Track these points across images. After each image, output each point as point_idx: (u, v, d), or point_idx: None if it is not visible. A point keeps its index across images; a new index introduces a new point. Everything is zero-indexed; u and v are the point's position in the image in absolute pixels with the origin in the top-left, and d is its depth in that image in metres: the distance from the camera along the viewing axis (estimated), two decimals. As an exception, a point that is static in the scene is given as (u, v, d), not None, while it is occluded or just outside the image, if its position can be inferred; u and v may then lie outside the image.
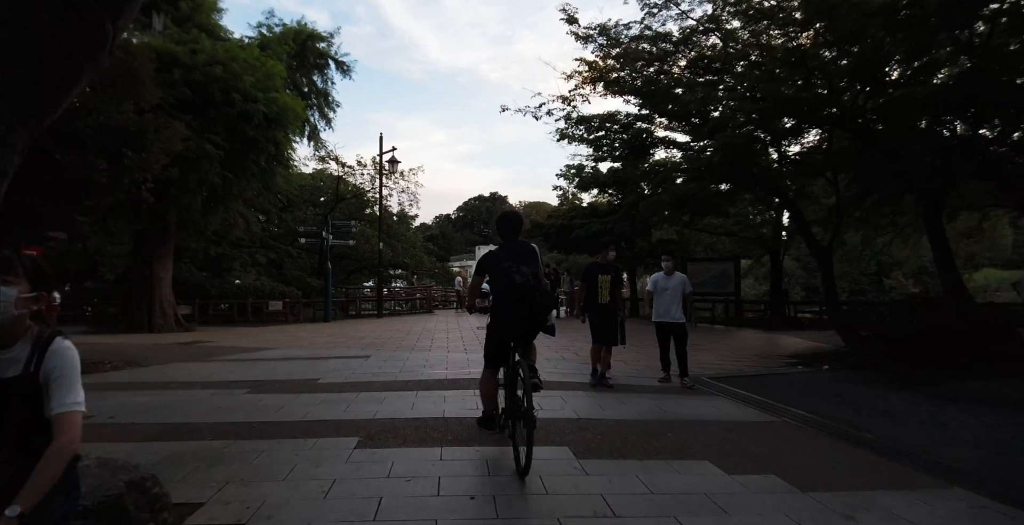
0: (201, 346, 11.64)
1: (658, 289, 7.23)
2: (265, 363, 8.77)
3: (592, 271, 6.91)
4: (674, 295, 7.10)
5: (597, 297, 6.75)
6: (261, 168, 15.53)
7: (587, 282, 6.89)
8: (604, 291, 6.75)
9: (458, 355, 9.42)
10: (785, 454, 4.34)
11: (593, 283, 6.80)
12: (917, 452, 4.43)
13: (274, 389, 6.53)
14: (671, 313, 7.15)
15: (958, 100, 8.03)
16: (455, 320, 17.91)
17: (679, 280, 7.21)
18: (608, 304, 6.75)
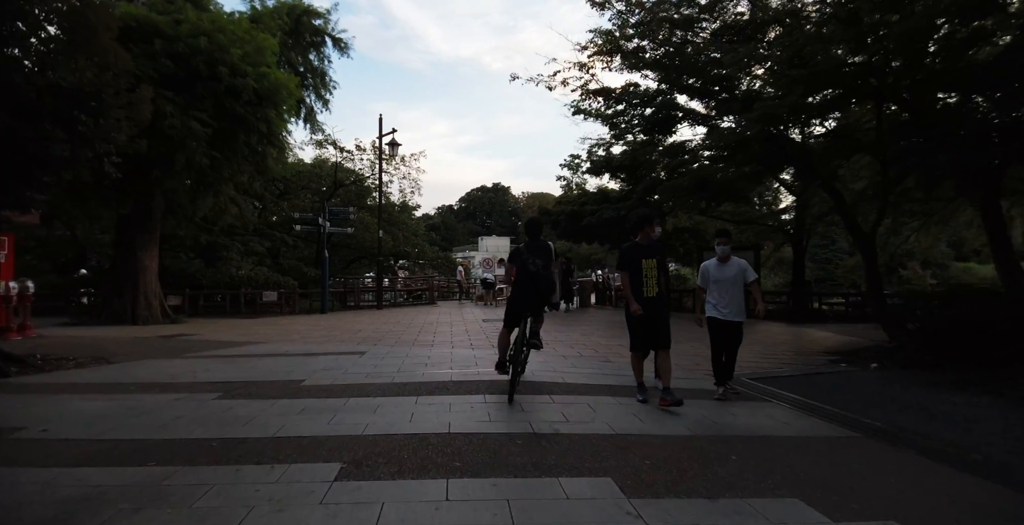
0: (183, 340, 10.69)
1: (711, 281, 5.78)
2: (247, 360, 7.81)
3: (632, 254, 5.27)
4: (733, 287, 5.66)
5: (642, 288, 5.16)
6: (252, 149, 14.48)
7: (628, 268, 5.27)
8: (650, 280, 5.17)
9: (463, 351, 8.45)
10: (889, 487, 3.37)
11: (636, 270, 5.19)
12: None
13: (249, 393, 5.57)
14: (730, 309, 5.68)
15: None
16: (458, 312, 16.95)
17: (738, 268, 5.71)
18: (656, 297, 5.19)
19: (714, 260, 5.91)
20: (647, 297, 5.17)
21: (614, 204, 16.88)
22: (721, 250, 5.83)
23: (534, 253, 5.89)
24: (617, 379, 6.48)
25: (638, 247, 5.35)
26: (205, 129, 12.62)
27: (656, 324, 5.18)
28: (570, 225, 17.94)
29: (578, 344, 9.43)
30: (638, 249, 5.33)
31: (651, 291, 5.18)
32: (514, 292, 6.05)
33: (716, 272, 5.79)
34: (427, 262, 26.95)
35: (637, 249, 5.34)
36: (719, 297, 5.73)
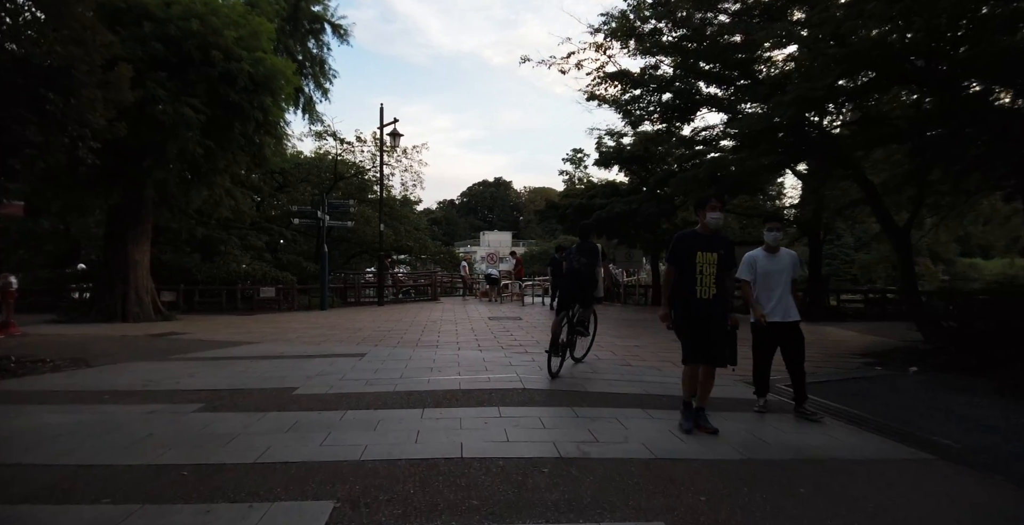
0: (173, 339, 10.10)
1: (759, 274, 4.96)
2: (237, 363, 7.20)
3: (687, 246, 4.30)
4: (784, 281, 4.88)
5: (695, 288, 4.22)
6: (248, 139, 13.85)
7: (678, 263, 4.34)
8: (707, 279, 4.21)
9: (471, 353, 7.84)
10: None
11: (689, 265, 4.25)
12: None
13: (235, 404, 4.97)
14: (782, 308, 4.85)
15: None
16: (463, 309, 16.35)
17: (789, 260, 4.95)
18: (712, 300, 4.22)
19: (761, 250, 5.10)
20: (700, 299, 4.20)
21: (624, 197, 16.23)
22: (772, 237, 5.02)
23: (581, 253, 6.63)
24: (642, 386, 5.87)
25: (696, 238, 4.33)
26: (198, 116, 12.01)
27: (710, 332, 4.24)
28: (579, 219, 17.26)
29: (594, 346, 8.81)
30: (696, 240, 4.30)
31: (706, 292, 4.21)
32: (561, 286, 6.99)
33: (766, 263, 4.97)
34: (429, 257, 26.32)
35: (694, 240, 4.31)
36: (767, 293, 4.92)
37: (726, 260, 4.32)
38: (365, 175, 24.23)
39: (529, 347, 8.40)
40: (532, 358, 7.38)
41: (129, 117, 11.79)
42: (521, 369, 6.53)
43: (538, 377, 6.10)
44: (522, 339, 9.34)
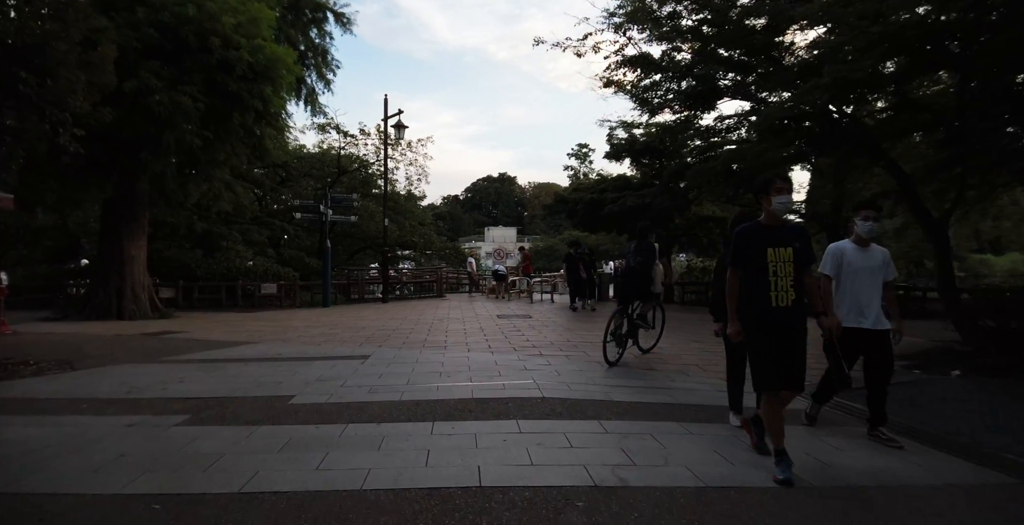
0: (168, 339, 9.64)
1: (846, 270, 4.04)
2: (232, 366, 6.72)
3: (753, 241, 3.38)
4: (875, 282, 4.01)
5: (769, 294, 3.30)
6: (248, 130, 13.35)
7: (743, 264, 3.42)
8: (783, 281, 3.29)
9: (482, 356, 7.33)
10: None
11: (759, 266, 3.33)
12: None
13: (223, 415, 4.48)
14: (870, 313, 3.96)
15: None
16: (469, 306, 15.85)
17: (881, 257, 4.07)
18: (791, 308, 3.30)
19: (849, 241, 4.16)
20: (776, 307, 3.29)
21: (637, 191, 15.66)
22: (867, 228, 4.02)
23: (639, 252, 7.11)
24: (670, 395, 5.36)
25: (762, 231, 3.40)
26: (196, 105, 11.52)
27: (793, 349, 3.33)
28: (589, 214, 16.72)
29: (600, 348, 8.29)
30: (762, 234, 3.39)
31: (784, 298, 3.29)
32: (620, 282, 8.19)
33: (855, 257, 4.02)
34: (434, 252, 25.81)
35: (760, 233, 3.39)
36: (854, 295, 4.00)
37: (804, 254, 3.38)
38: (369, 169, 23.73)
39: (544, 349, 7.88)
40: (548, 361, 6.87)
41: (123, 106, 11.39)
42: (538, 375, 6.02)
43: (557, 384, 5.59)
44: (535, 340, 8.82)
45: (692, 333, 10.16)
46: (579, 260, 13.45)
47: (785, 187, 3.41)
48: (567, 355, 7.36)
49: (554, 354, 7.43)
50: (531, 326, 10.69)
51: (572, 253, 13.81)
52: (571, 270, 13.56)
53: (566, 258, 14.12)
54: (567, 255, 14.15)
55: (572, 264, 13.53)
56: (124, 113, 11.40)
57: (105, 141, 11.97)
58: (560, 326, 10.78)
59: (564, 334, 9.55)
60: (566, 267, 13.97)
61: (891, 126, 9.03)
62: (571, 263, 13.58)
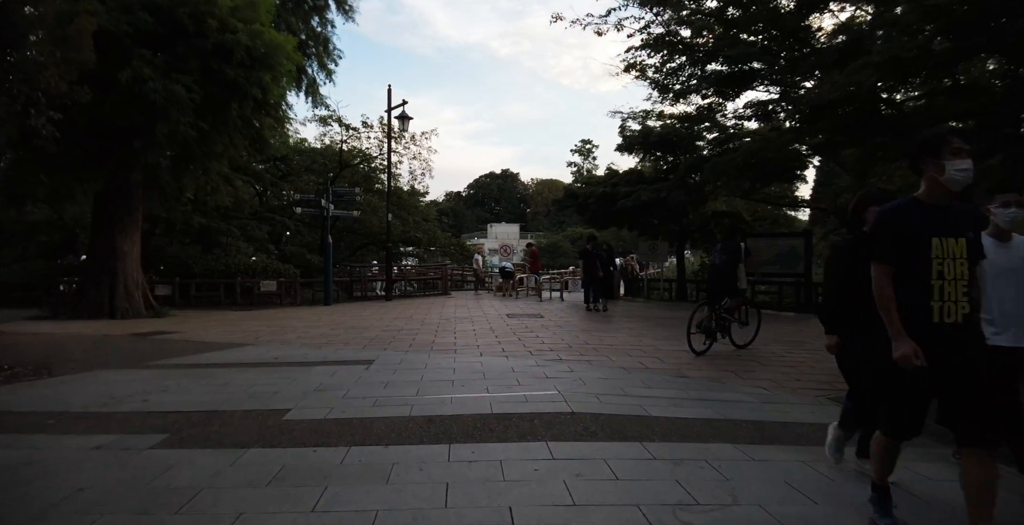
0: (159, 340, 9.07)
1: (987, 269, 2.86)
2: (223, 372, 6.13)
3: (910, 226, 2.40)
4: (1018, 284, 3.00)
5: (930, 302, 2.34)
6: (246, 120, 12.78)
7: (894, 257, 2.42)
8: (952, 287, 2.33)
9: (497, 361, 6.73)
10: None
11: (921, 261, 2.36)
12: None
13: (207, 435, 3.89)
14: (1015, 328, 2.96)
15: None
16: (476, 305, 15.25)
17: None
18: (964, 325, 2.35)
19: (984, 235, 2.90)
20: (941, 323, 2.34)
21: (651, 185, 15.01)
22: (1007, 217, 2.98)
23: (724, 251, 7.67)
24: (712, 408, 4.75)
25: (924, 212, 2.41)
26: (191, 95, 10.93)
27: (968, 381, 2.32)
28: (601, 209, 16.05)
29: (633, 349, 7.69)
30: (924, 216, 2.40)
31: (952, 311, 2.34)
32: (709, 280, 8.87)
33: (994, 254, 2.87)
34: (438, 249, 25.20)
35: (921, 215, 2.40)
36: (999, 303, 3.00)
37: (976, 249, 2.41)
38: (372, 163, 23.11)
39: (562, 353, 7.27)
40: (569, 368, 6.27)
41: (115, 95, 10.83)
42: (561, 384, 5.42)
43: (585, 395, 4.99)
44: (551, 342, 8.22)
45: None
46: (597, 257, 12.68)
47: (965, 149, 2.36)
48: (589, 360, 6.75)
49: (575, 359, 6.83)
50: (544, 327, 10.09)
51: (589, 249, 12.94)
52: (588, 267, 12.73)
53: (582, 254, 13.16)
54: (583, 251, 13.24)
55: (589, 261, 12.69)
56: (117, 102, 10.84)
57: (97, 131, 11.41)
58: (575, 327, 10.17)
59: (581, 336, 8.94)
60: (583, 264, 13.09)
61: (935, 112, 8.39)
62: (588, 260, 12.74)
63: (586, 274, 12.92)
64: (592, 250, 12.86)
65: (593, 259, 12.64)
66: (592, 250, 12.86)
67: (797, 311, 15.35)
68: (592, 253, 12.76)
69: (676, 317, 12.54)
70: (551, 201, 40.22)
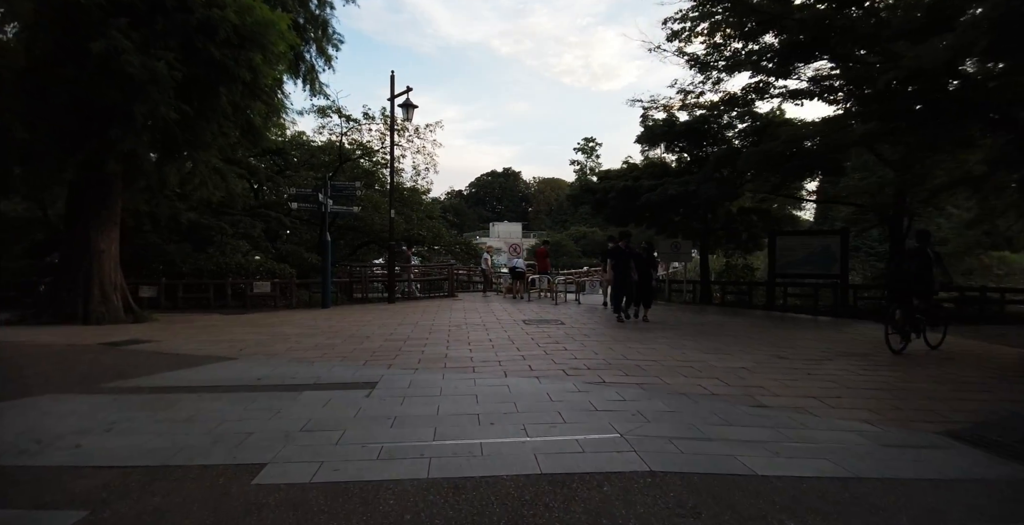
0: (129, 352, 7.90)
1: None
2: (190, 400, 4.95)
3: None
4: None
5: None
6: (236, 106, 11.60)
7: None
8: None
9: (526, 384, 5.54)
10: None
11: None
12: None
13: (139, 514, 2.70)
14: None
15: None
16: (487, 308, 14.08)
17: None
18: None
19: None
20: None
21: (677, 178, 13.80)
22: None
23: (912, 258, 8.01)
24: (829, 459, 3.56)
25: None
26: (172, 72, 9.77)
27: None
28: (623, 204, 14.81)
29: (683, 367, 6.51)
30: None
31: None
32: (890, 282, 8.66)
33: None
34: (443, 247, 24.01)
35: None
36: None
37: None
38: (373, 157, 21.91)
39: (602, 372, 6.09)
40: (619, 394, 5.08)
41: (88, 69, 9.69)
42: (617, 420, 4.23)
43: (655, 439, 3.80)
44: (584, 357, 7.04)
45: (763, 343, 8.36)
46: (633, 256, 10.77)
47: None
48: (639, 383, 5.56)
49: (621, 381, 5.64)
50: (569, 336, 8.91)
51: (620, 247, 10.77)
52: (621, 269, 10.64)
53: (611, 253, 10.99)
54: (612, 249, 11.18)
55: (622, 261, 10.67)
56: (91, 78, 9.70)
57: (71, 113, 10.27)
58: (605, 336, 8.99)
59: (616, 348, 7.75)
60: (612, 265, 10.86)
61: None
62: (620, 260, 10.68)
63: (617, 277, 10.76)
64: (625, 248, 10.86)
65: (626, 259, 10.71)
66: (625, 248, 10.86)
67: (834, 315, 14.18)
68: (624, 252, 10.80)
69: (710, 323, 11.37)
70: (565, 196, 38.96)
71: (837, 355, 7.84)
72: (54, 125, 10.27)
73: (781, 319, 13.11)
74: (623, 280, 10.73)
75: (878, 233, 30.41)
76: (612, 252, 10.90)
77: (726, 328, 10.79)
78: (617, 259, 10.72)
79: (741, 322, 12.14)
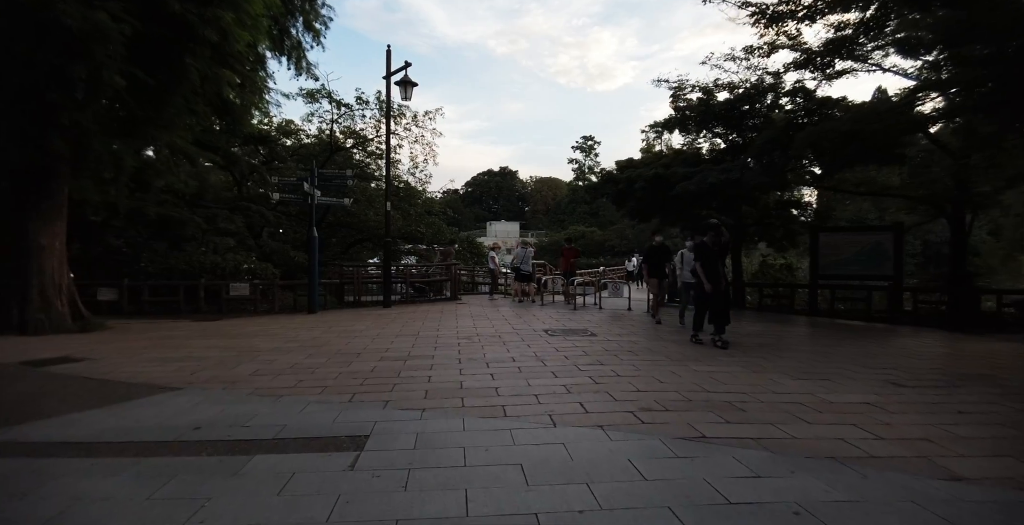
0: (48, 375, 6.09)
1: None
2: (69, 474, 3.16)
3: None
4: None
5: None
6: (203, 75, 9.78)
7: None
8: None
9: (589, 439, 3.77)
10: None
11: None
12: None
13: None
14: None
15: None
16: (497, 314, 12.29)
17: None
18: None
19: None
20: None
21: (718, 165, 12.02)
22: None
23: None
24: None
25: None
26: (120, 26, 7.97)
27: None
28: (651, 196, 13.01)
29: (793, 406, 4.75)
30: None
31: None
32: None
33: None
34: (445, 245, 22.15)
35: None
36: None
37: None
38: (368, 146, 20.08)
39: (687, 413, 4.31)
40: (738, 460, 3.32)
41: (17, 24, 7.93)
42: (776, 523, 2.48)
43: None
44: (646, 386, 5.26)
45: (850, 361, 6.58)
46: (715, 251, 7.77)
47: None
48: (757, 439, 3.78)
49: (729, 437, 3.86)
50: (611, 353, 7.13)
51: (706, 243, 7.82)
52: (712, 273, 7.73)
53: (654, 251, 9.09)
54: (653, 249, 9.76)
55: (712, 262, 7.79)
56: (19, 35, 7.92)
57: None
58: (657, 354, 7.19)
59: (682, 373, 5.96)
60: (701, 266, 7.80)
61: None
62: (710, 260, 7.80)
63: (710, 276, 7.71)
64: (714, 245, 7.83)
65: (713, 256, 7.82)
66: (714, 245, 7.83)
67: (890, 322, 12.46)
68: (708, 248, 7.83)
69: (764, 334, 9.53)
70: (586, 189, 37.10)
71: (957, 378, 6.14)
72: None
73: (833, 327, 11.40)
74: (713, 288, 7.74)
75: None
76: (701, 249, 7.87)
77: (787, 340, 9.06)
78: (707, 259, 7.77)
79: (797, 332, 10.41)
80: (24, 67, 8.26)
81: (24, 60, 8.16)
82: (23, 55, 8.13)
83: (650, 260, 10.52)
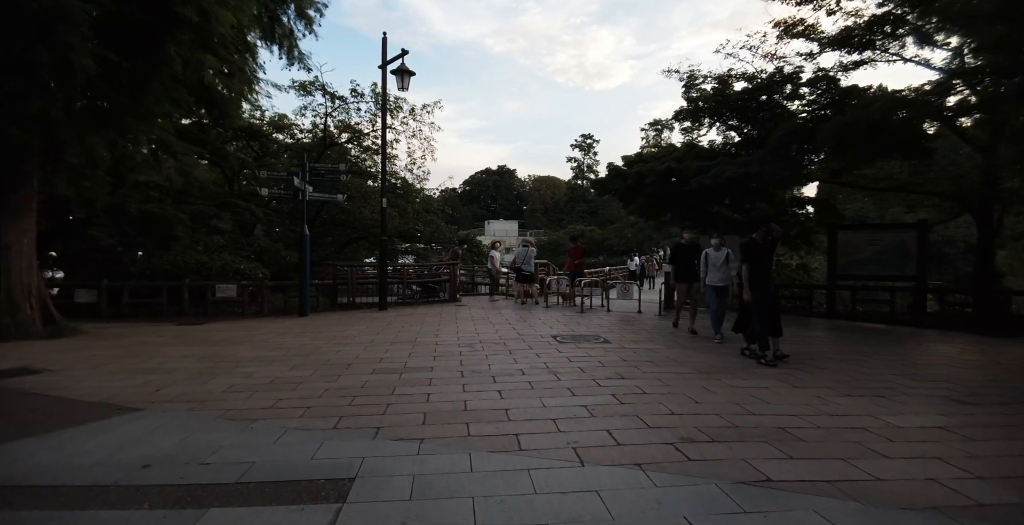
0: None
1: None
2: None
3: None
4: None
5: None
6: (184, 60, 9.04)
7: None
8: None
9: (628, 485, 3.06)
10: None
11: None
12: None
13: None
14: None
15: None
16: (499, 317, 11.58)
17: None
18: None
19: None
20: None
21: (733, 159, 11.31)
22: None
23: None
24: None
25: None
26: (86, 5, 7.24)
27: None
28: (662, 191, 12.30)
29: (857, 433, 4.06)
30: None
31: None
32: None
33: None
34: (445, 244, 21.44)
35: None
36: None
37: None
38: (363, 141, 19.34)
39: (738, 445, 3.61)
40: (822, 516, 2.61)
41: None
42: None
43: None
44: (681, 409, 4.56)
45: (896, 373, 5.87)
46: (767, 250, 6.71)
47: None
48: (833, 482, 3.08)
49: (796, 480, 3.15)
50: (632, 365, 6.42)
51: (755, 240, 6.73)
52: (761, 275, 6.64)
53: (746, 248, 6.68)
54: (683, 247, 8.84)
55: (762, 260, 6.67)
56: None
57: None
58: (684, 366, 6.48)
59: (719, 391, 5.24)
60: (748, 265, 6.64)
61: None
62: (758, 260, 6.66)
63: (757, 289, 6.59)
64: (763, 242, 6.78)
65: (766, 259, 6.76)
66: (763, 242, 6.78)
67: (915, 325, 11.77)
68: (759, 244, 6.73)
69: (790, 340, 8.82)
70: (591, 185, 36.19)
71: (1019, 393, 5.46)
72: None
73: (856, 330, 10.72)
74: (763, 293, 6.61)
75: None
76: (749, 248, 6.66)
77: (816, 346, 8.37)
78: (757, 260, 6.61)
79: (821, 336, 9.72)
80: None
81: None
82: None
83: (678, 261, 9.43)
